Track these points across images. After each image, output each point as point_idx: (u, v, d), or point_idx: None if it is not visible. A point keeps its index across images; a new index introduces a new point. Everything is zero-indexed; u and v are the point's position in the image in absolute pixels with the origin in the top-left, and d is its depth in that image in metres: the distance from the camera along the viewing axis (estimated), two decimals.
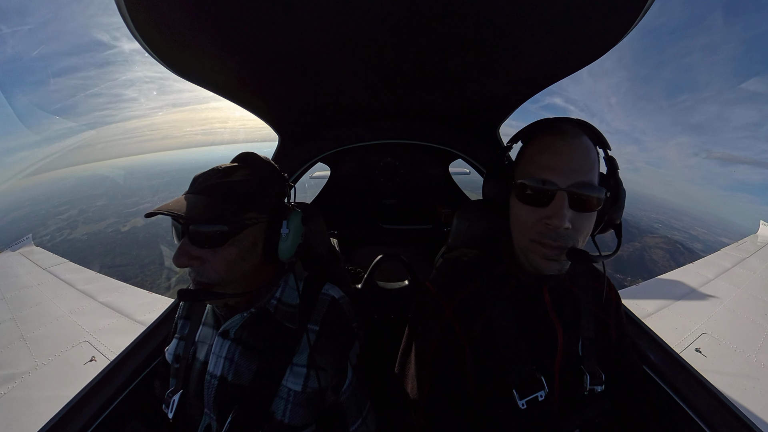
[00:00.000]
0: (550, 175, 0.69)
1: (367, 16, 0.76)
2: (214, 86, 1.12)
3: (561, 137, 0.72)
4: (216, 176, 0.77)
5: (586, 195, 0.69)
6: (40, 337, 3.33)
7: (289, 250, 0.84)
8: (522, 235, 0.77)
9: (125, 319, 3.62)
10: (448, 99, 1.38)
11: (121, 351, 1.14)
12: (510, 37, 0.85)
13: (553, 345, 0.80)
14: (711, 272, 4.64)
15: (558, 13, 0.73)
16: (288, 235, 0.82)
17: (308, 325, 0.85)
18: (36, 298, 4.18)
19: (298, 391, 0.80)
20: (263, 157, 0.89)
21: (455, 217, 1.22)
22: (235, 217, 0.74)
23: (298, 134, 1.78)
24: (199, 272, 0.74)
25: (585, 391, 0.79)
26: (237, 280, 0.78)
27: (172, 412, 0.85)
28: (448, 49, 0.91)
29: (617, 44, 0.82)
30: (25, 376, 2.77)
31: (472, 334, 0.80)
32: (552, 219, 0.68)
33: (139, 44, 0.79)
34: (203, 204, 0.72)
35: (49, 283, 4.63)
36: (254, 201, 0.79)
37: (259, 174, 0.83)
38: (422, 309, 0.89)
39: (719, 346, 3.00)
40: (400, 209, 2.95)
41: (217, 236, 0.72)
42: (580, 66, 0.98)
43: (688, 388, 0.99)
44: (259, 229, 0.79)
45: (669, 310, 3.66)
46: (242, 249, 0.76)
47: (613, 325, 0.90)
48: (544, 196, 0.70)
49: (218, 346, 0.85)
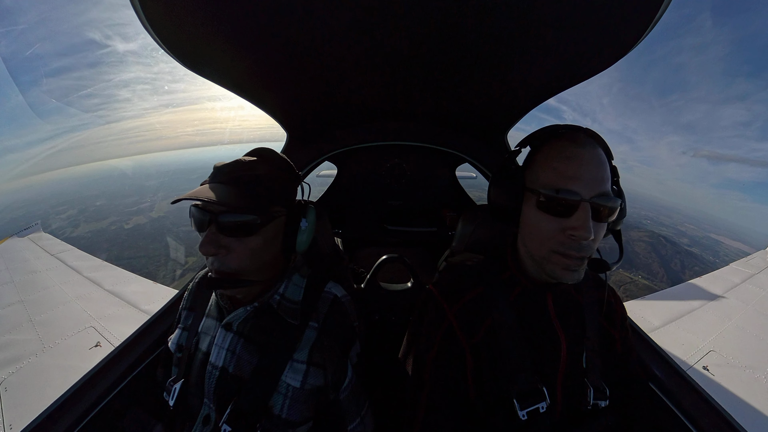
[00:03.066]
0: (574, 185, 0.68)
1: (380, 19, 0.76)
2: (225, 81, 1.13)
3: (581, 147, 0.70)
4: (242, 168, 0.79)
5: (608, 206, 0.69)
6: (48, 320, 3.39)
7: (306, 242, 0.87)
8: (540, 245, 0.74)
9: (130, 307, 3.67)
10: (457, 102, 1.38)
11: (126, 338, 1.16)
12: (522, 43, 0.84)
13: (556, 355, 0.78)
14: (719, 288, 4.56)
15: (569, 21, 0.73)
16: (306, 228, 0.86)
17: (310, 322, 0.86)
18: (44, 282, 4.26)
19: (296, 387, 0.80)
20: (280, 154, 0.91)
21: (460, 221, 1.22)
22: (264, 209, 0.77)
23: (306, 132, 1.78)
24: (222, 262, 0.75)
25: (588, 405, 0.77)
26: (257, 270, 0.81)
27: (173, 399, 0.86)
28: (459, 52, 0.91)
29: (626, 54, 0.82)
30: (32, 357, 2.84)
31: (474, 339, 0.79)
32: (577, 230, 0.67)
33: (150, 37, 0.79)
34: (234, 193, 0.74)
35: (57, 268, 4.72)
36: (278, 195, 0.83)
37: (279, 168, 0.87)
38: (424, 312, 0.89)
39: (728, 364, 2.94)
40: (405, 211, 2.95)
41: (248, 226, 0.75)
42: (591, 74, 0.97)
43: (695, 408, 0.96)
44: (281, 222, 0.84)
45: (675, 325, 3.59)
46: (266, 239, 0.80)
47: (619, 338, 0.88)
48: (568, 206, 0.68)
49: (221, 337, 0.86)
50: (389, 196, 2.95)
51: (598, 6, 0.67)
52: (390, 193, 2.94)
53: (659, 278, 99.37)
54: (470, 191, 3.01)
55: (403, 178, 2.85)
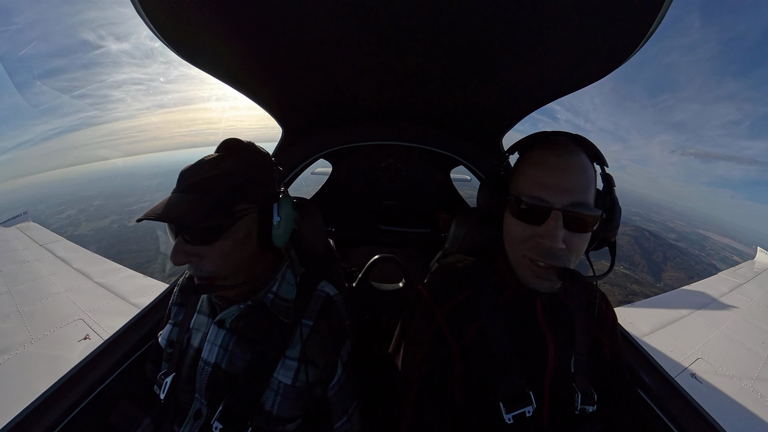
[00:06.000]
0: (545, 193, 0.68)
1: (380, 18, 0.76)
2: (219, 72, 1.11)
3: (556, 154, 0.70)
4: (203, 170, 0.76)
5: (582, 215, 0.67)
6: (36, 311, 3.35)
7: (283, 236, 0.84)
8: (513, 250, 0.76)
9: (120, 300, 3.62)
10: (454, 104, 1.38)
11: (115, 331, 1.15)
12: (519, 49, 0.85)
13: (544, 359, 0.79)
14: (707, 297, 4.61)
15: (568, 29, 0.73)
16: (280, 222, 0.82)
17: (302, 320, 0.86)
18: (32, 273, 4.19)
19: (288, 384, 0.81)
20: (247, 143, 0.86)
21: (453, 223, 1.22)
22: (225, 211, 0.73)
23: (302, 128, 1.77)
24: (197, 268, 0.75)
25: (576, 410, 0.77)
26: (236, 272, 0.79)
27: (164, 393, 0.87)
28: (456, 54, 0.91)
29: (625, 62, 0.82)
30: (19, 348, 2.80)
31: (462, 341, 0.79)
32: (545, 239, 0.67)
33: (144, 23, 0.77)
34: (191, 202, 0.71)
35: (45, 259, 4.64)
36: (243, 191, 0.78)
37: (246, 162, 0.81)
38: (414, 313, 0.89)
39: (715, 372, 2.98)
40: (399, 211, 2.95)
41: (210, 232, 0.72)
42: (587, 83, 0.97)
43: (683, 414, 0.97)
44: (251, 218, 0.79)
45: (664, 331, 3.63)
46: (237, 240, 0.76)
47: (608, 343, 0.89)
48: (538, 214, 0.68)
49: (213, 334, 0.87)
50: (383, 196, 2.95)
51: (596, 15, 0.68)
52: (384, 192, 2.93)
53: (640, 268, 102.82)
54: (464, 191, 3.02)
55: (398, 179, 2.85)
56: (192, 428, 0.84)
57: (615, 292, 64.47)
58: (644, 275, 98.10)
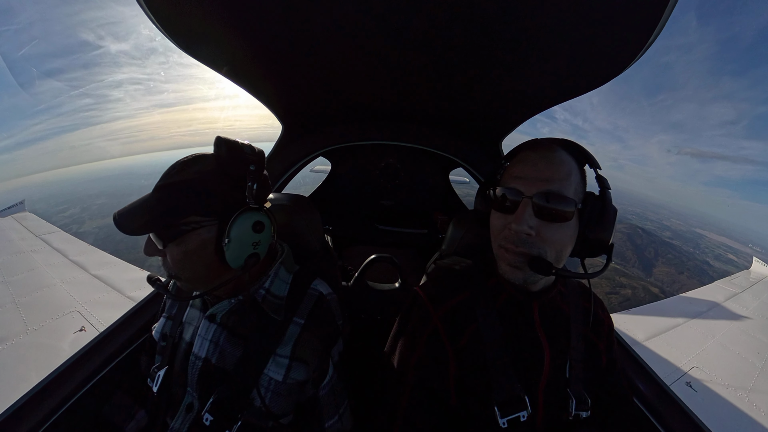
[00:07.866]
0: (518, 183, 0.72)
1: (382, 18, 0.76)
2: (220, 66, 1.10)
3: (535, 150, 0.75)
4: (169, 174, 0.75)
5: (551, 204, 0.69)
6: (32, 302, 3.34)
7: (236, 259, 0.76)
8: (494, 243, 0.79)
9: (116, 293, 3.62)
10: (454, 106, 1.38)
11: (111, 324, 1.15)
12: (522, 54, 0.85)
13: (539, 364, 0.78)
14: (703, 305, 4.62)
15: (570, 35, 0.73)
16: (230, 245, 0.74)
17: (294, 318, 0.85)
18: (28, 264, 4.18)
19: (279, 381, 0.81)
20: (231, 144, 0.76)
21: (451, 224, 1.22)
22: (171, 221, 0.72)
23: (301, 125, 1.77)
24: (164, 264, 0.77)
25: (570, 416, 0.77)
26: (192, 278, 0.78)
27: (156, 386, 0.87)
28: (459, 57, 0.91)
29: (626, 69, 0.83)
30: (16, 338, 2.81)
31: (458, 344, 0.79)
32: (512, 224, 0.70)
33: (145, 14, 0.77)
34: (142, 209, 0.71)
35: (42, 250, 4.64)
36: (198, 203, 0.73)
37: (215, 170, 0.75)
38: (410, 314, 0.89)
39: (710, 381, 2.98)
40: (397, 212, 2.95)
41: (158, 238, 0.74)
42: (588, 89, 0.98)
43: (677, 423, 0.97)
44: (208, 231, 0.74)
45: (660, 339, 3.64)
46: (188, 251, 0.74)
47: (604, 349, 0.88)
48: (511, 203, 0.72)
49: (204, 328, 0.87)
50: (382, 196, 2.95)
51: (597, 24, 0.68)
52: (383, 192, 2.93)
53: (631, 263, 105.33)
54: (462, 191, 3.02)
55: (396, 179, 2.84)
56: (184, 421, 0.84)
57: (603, 284, 65.60)
58: (634, 270, 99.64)
